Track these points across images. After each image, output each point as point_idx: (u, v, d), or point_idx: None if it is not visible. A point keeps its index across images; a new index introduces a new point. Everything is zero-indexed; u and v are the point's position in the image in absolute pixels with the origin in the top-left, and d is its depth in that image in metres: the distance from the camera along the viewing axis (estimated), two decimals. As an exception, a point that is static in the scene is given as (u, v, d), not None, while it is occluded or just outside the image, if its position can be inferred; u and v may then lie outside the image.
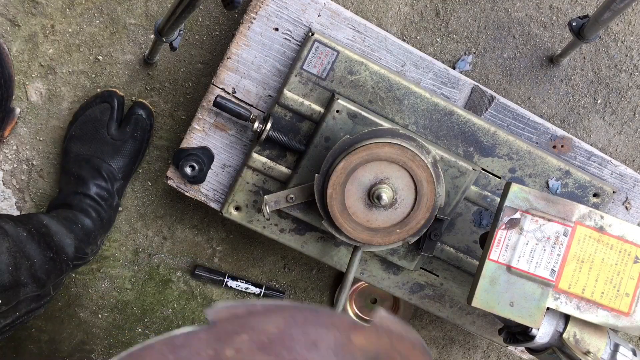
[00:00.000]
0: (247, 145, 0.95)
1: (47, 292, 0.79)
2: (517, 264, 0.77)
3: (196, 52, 1.01)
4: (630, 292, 0.77)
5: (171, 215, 1.08)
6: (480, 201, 0.94)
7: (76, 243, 0.89)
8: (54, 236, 0.84)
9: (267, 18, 0.88)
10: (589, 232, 0.77)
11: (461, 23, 1.02)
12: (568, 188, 0.95)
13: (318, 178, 0.84)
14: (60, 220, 0.90)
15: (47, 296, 0.79)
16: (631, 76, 1.06)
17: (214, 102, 0.88)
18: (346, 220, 0.83)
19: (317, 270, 1.14)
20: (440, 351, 1.20)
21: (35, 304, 0.77)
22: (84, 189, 0.95)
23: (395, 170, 0.81)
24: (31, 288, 0.75)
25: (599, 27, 0.88)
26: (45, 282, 0.78)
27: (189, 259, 1.11)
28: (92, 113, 0.98)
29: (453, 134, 0.91)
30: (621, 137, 1.08)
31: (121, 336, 1.14)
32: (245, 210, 0.95)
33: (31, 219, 0.84)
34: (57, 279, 0.81)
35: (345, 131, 0.87)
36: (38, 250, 0.78)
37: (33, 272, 0.76)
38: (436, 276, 0.99)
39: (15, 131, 1.02)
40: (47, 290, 0.79)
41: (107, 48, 1.00)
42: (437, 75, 0.93)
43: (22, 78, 1.00)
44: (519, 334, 0.81)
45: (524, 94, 1.05)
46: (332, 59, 0.88)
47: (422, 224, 0.84)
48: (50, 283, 0.79)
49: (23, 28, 0.98)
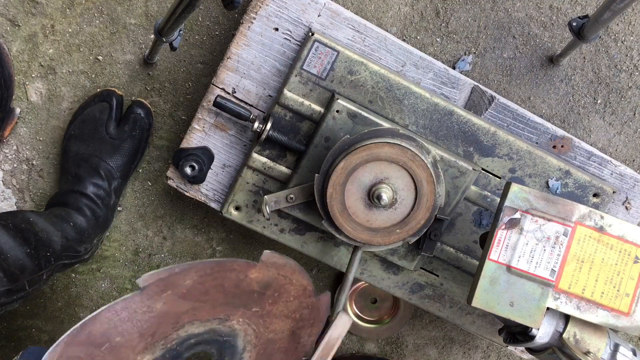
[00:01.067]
0: (247, 145, 0.95)
1: (21, 287, 0.78)
2: (517, 264, 0.77)
3: (196, 52, 1.01)
4: (630, 292, 0.77)
5: (171, 215, 1.08)
6: (480, 201, 0.94)
7: (64, 241, 0.89)
8: (38, 232, 0.84)
9: (267, 18, 0.88)
10: (589, 232, 0.77)
11: (461, 23, 1.02)
12: (568, 188, 0.95)
13: (318, 178, 0.84)
14: (50, 217, 0.90)
15: (20, 291, 0.79)
16: (631, 76, 1.06)
17: (214, 102, 0.88)
18: (346, 220, 0.83)
19: (317, 270, 1.14)
20: (440, 351, 1.20)
21: (6, 299, 0.76)
22: (81, 187, 0.95)
23: (395, 170, 0.81)
24: (1, 282, 0.75)
25: (599, 27, 0.88)
26: (18, 277, 0.77)
27: (189, 259, 1.11)
28: (91, 112, 0.98)
29: (453, 134, 0.91)
30: (621, 137, 1.08)
31: (121, 336, 1.14)
32: (245, 210, 0.95)
33: (15, 215, 0.84)
34: (33, 275, 0.81)
35: (345, 131, 0.87)
36: (13, 245, 0.78)
37: (4, 266, 0.75)
38: (436, 276, 0.99)
39: (15, 131, 1.02)
40: (20, 285, 0.78)
41: (107, 48, 1.00)
42: (437, 75, 0.93)
43: (22, 78, 1.00)
44: (519, 334, 0.81)
45: (524, 94, 1.05)
46: (332, 59, 0.88)
47: (422, 224, 0.84)
48: (24, 278, 0.79)
49: (23, 28, 0.98)
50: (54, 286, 1.10)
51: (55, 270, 0.88)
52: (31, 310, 1.10)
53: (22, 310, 1.10)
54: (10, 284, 0.76)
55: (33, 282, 0.81)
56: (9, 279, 0.76)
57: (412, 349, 1.20)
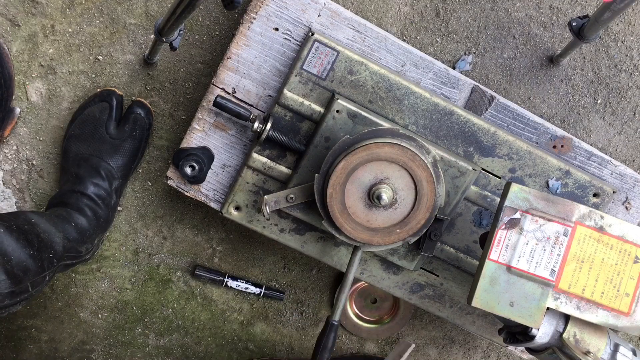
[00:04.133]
0: (247, 145, 0.95)
1: (24, 289, 0.78)
2: (517, 264, 0.77)
3: (196, 52, 1.01)
4: (630, 292, 0.77)
5: (171, 215, 1.08)
6: (480, 201, 0.94)
7: (65, 242, 0.89)
8: (40, 234, 0.83)
9: (267, 18, 0.88)
10: (589, 232, 0.77)
11: (461, 23, 1.02)
12: (568, 188, 0.95)
13: (318, 178, 0.84)
14: (51, 218, 0.89)
15: (23, 293, 0.78)
16: (631, 76, 1.06)
17: (214, 102, 0.88)
18: (346, 220, 0.83)
19: (317, 270, 1.14)
20: (440, 351, 1.20)
21: (10, 301, 0.76)
22: (82, 187, 0.95)
23: (395, 170, 0.81)
24: (4, 284, 0.74)
25: (599, 27, 0.88)
26: (21, 279, 0.77)
27: (189, 259, 1.11)
28: (91, 112, 0.98)
29: (453, 134, 0.91)
30: (621, 137, 1.08)
31: (121, 336, 1.14)
32: (245, 210, 0.95)
33: (17, 216, 0.84)
34: (36, 277, 0.80)
35: (345, 131, 0.87)
36: (16, 247, 0.77)
37: (8, 269, 0.75)
38: (436, 276, 0.99)
39: (15, 131, 1.02)
40: (23, 287, 0.78)
41: (107, 48, 1.00)
42: (437, 75, 0.93)
43: (22, 78, 1.00)
44: (519, 334, 0.81)
45: (524, 94, 1.05)
46: (332, 59, 0.88)
47: (422, 224, 0.84)
48: (27, 280, 0.78)
49: (23, 28, 0.98)
50: (54, 286, 1.10)
51: (57, 271, 0.88)
52: (31, 310, 1.10)
53: (22, 310, 1.10)
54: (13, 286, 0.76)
55: (36, 283, 0.81)
56: (13, 281, 0.76)
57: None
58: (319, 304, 1.16)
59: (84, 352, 1.14)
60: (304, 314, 1.16)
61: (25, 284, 0.78)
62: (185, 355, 1.16)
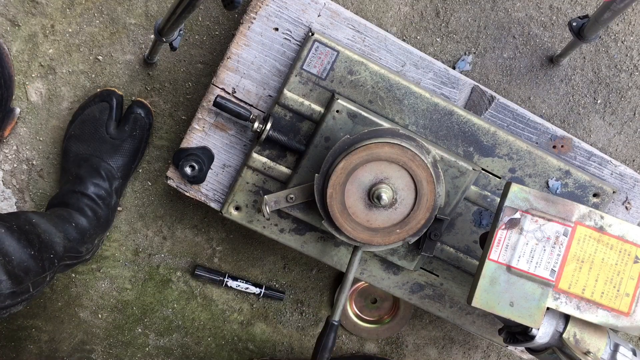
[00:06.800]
0: (247, 145, 0.95)
1: (25, 289, 0.78)
2: (517, 264, 0.77)
3: (196, 52, 1.01)
4: (630, 292, 0.77)
5: (171, 215, 1.08)
6: (480, 201, 0.94)
7: (66, 242, 0.89)
8: (41, 234, 0.84)
9: (267, 18, 0.88)
10: (589, 232, 0.77)
11: (461, 23, 1.02)
12: (568, 188, 0.95)
13: (318, 178, 0.84)
14: (52, 218, 0.89)
15: (25, 294, 0.78)
16: (631, 76, 1.06)
17: (214, 102, 0.88)
18: (346, 220, 0.83)
19: (317, 270, 1.14)
20: (440, 351, 1.20)
21: (11, 301, 0.76)
22: (82, 187, 0.95)
23: (395, 170, 0.81)
24: (6, 285, 0.74)
25: (599, 27, 0.88)
26: (22, 280, 0.77)
27: (189, 259, 1.11)
28: (91, 112, 0.98)
29: (453, 134, 0.91)
30: (621, 137, 1.08)
31: (121, 336, 1.14)
32: (245, 210, 0.95)
33: (18, 216, 0.84)
34: (37, 277, 0.80)
35: (345, 131, 0.87)
36: (17, 247, 0.77)
37: (9, 269, 0.75)
38: (436, 276, 0.99)
39: (15, 131, 1.02)
40: (24, 287, 0.78)
41: (107, 48, 1.00)
42: (437, 75, 0.93)
43: (22, 78, 1.00)
44: (519, 334, 0.81)
45: (524, 94, 1.05)
46: (332, 59, 0.88)
47: (422, 224, 0.84)
48: (29, 280, 0.78)
49: (23, 28, 0.98)
50: (54, 286, 1.10)
51: (57, 271, 0.88)
52: (31, 310, 1.10)
53: (22, 310, 1.10)
54: (15, 287, 0.76)
55: (37, 284, 0.81)
56: (14, 282, 0.76)
57: (412, 349, 1.20)
58: (319, 304, 1.16)
59: (84, 352, 1.14)
60: (304, 314, 1.16)
61: (27, 284, 0.78)
62: (185, 355, 1.16)
